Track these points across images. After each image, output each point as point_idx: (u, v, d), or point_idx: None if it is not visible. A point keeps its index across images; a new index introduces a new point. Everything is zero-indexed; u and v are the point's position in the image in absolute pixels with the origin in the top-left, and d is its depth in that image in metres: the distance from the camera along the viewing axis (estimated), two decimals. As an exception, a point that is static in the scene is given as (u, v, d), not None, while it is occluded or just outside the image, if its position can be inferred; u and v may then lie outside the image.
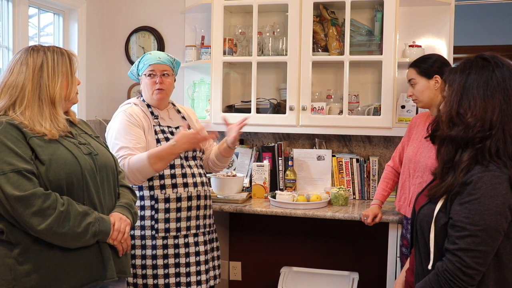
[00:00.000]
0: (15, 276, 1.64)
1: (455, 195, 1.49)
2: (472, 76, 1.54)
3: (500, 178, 1.45)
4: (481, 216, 1.43)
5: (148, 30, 3.58)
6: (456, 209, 1.47)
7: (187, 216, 2.42)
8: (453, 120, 1.53)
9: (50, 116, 1.76)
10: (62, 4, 3.22)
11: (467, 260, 1.43)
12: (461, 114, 1.52)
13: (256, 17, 3.08)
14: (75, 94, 1.89)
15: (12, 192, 1.60)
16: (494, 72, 1.53)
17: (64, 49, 1.88)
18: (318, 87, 3.27)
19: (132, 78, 2.62)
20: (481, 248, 1.43)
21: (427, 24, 3.14)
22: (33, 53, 1.79)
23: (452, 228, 1.48)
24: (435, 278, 1.50)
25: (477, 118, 1.49)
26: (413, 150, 2.51)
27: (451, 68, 1.63)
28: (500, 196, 1.43)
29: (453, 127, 1.53)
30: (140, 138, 2.37)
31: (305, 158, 3.24)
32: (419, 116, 2.67)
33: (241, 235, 3.54)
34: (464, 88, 1.54)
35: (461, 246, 1.44)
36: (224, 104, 3.25)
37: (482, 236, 1.43)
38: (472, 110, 1.50)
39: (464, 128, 1.50)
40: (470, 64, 1.57)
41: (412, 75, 2.52)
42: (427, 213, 1.57)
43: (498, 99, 1.50)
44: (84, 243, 1.72)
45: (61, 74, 1.81)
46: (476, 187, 1.45)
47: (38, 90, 1.76)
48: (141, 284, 2.38)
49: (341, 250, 3.36)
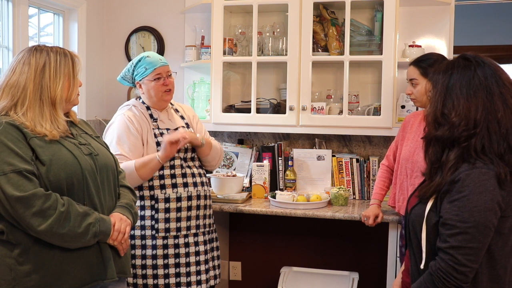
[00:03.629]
0: (15, 276, 1.64)
1: (444, 194, 1.51)
2: (454, 76, 1.56)
3: (487, 175, 1.46)
4: (470, 213, 1.44)
5: (148, 30, 3.58)
6: (446, 208, 1.49)
7: (187, 216, 2.42)
8: (438, 120, 1.55)
9: (50, 117, 1.76)
10: (62, 4, 3.22)
11: (459, 258, 1.45)
12: (446, 114, 1.54)
13: (256, 17, 3.08)
14: (76, 95, 1.88)
15: (12, 192, 1.60)
16: (476, 71, 1.54)
17: (68, 50, 1.87)
18: (318, 87, 3.27)
19: (124, 83, 2.58)
20: (472, 245, 1.44)
21: (427, 24, 3.14)
22: (35, 53, 1.79)
23: (443, 227, 1.49)
24: (429, 277, 1.51)
25: (461, 117, 1.51)
26: (410, 150, 2.50)
27: (434, 69, 1.65)
28: (488, 192, 1.45)
29: (438, 128, 1.55)
30: (135, 147, 2.39)
31: (305, 158, 3.24)
32: (413, 115, 2.66)
33: (241, 235, 3.54)
34: (447, 89, 1.56)
35: (452, 244, 1.46)
36: (224, 104, 3.25)
37: (472, 233, 1.44)
38: (456, 110, 1.52)
39: (449, 127, 1.52)
40: (452, 65, 1.59)
41: (414, 75, 2.49)
42: (419, 213, 1.59)
43: (481, 97, 1.52)
44: (85, 243, 1.72)
45: (63, 76, 1.80)
46: (464, 184, 1.46)
47: (39, 91, 1.76)
48: (141, 284, 2.38)
49: (341, 250, 3.36)
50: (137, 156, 2.37)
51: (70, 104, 1.88)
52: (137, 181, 2.34)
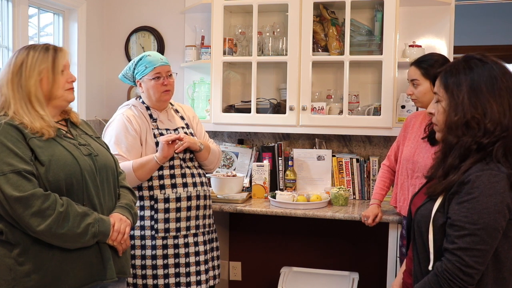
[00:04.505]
0: (15, 276, 1.65)
1: (453, 195, 1.49)
2: (476, 77, 1.51)
3: (498, 177, 1.44)
4: (479, 215, 1.43)
5: (148, 30, 3.58)
6: (455, 209, 1.47)
7: (186, 216, 2.42)
8: (469, 124, 1.49)
9: (36, 115, 1.73)
10: (62, 4, 3.22)
11: (467, 259, 1.43)
12: (478, 119, 1.48)
13: (256, 17, 3.08)
14: (65, 91, 1.82)
15: (11, 192, 1.60)
16: (496, 73, 1.51)
17: (53, 45, 1.83)
18: (318, 87, 3.27)
19: (125, 81, 2.59)
20: (480, 247, 1.43)
21: (427, 24, 3.14)
22: (18, 53, 1.79)
23: (450, 228, 1.47)
24: (435, 278, 1.49)
25: (495, 123, 1.47)
26: (411, 151, 2.50)
27: (446, 71, 1.58)
28: (498, 195, 1.43)
29: (467, 132, 1.50)
30: (133, 147, 2.39)
31: (305, 158, 3.24)
32: (414, 115, 2.65)
33: (241, 235, 3.54)
34: (473, 91, 1.50)
35: (460, 245, 1.44)
36: (224, 104, 3.25)
37: (481, 235, 1.43)
38: (490, 116, 1.47)
39: (484, 133, 1.47)
40: (469, 65, 1.54)
41: (415, 75, 2.47)
42: (425, 213, 1.57)
43: (507, 100, 1.49)
44: (84, 243, 1.72)
45: (38, 71, 1.76)
46: (474, 186, 1.44)
47: (18, 90, 1.75)
48: (141, 284, 2.38)
49: (341, 250, 3.35)
50: (134, 156, 2.37)
51: (60, 101, 1.83)
52: (134, 181, 2.33)
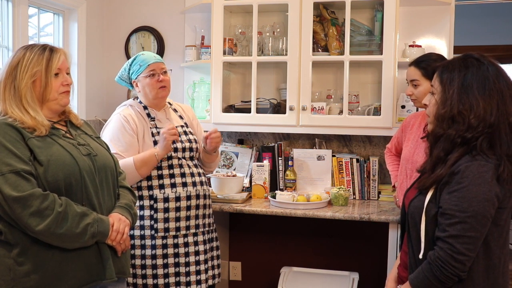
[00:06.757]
0: (14, 276, 1.64)
1: (444, 185, 1.56)
2: (469, 75, 1.59)
3: (486, 167, 1.51)
4: (469, 203, 1.49)
5: (148, 30, 3.58)
6: (445, 198, 1.54)
7: (186, 216, 2.42)
8: (454, 118, 1.57)
9: (27, 115, 1.73)
10: (62, 4, 3.22)
11: (458, 246, 1.49)
12: (463, 113, 1.56)
13: (256, 17, 3.08)
14: (59, 94, 1.80)
15: (10, 192, 1.60)
16: (489, 73, 1.58)
17: (51, 46, 1.82)
18: (318, 87, 3.27)
19: (121, 84, 2.59)
20: (470, 234, 1.49)
21: (427, 24, 3.14)
22: (16, 53, 1.79)
23: (442, 216, 1.54)
24: (428, 266, 1.55)
25: (479, 119, 1.54)
26: (410, 151, 2.50)
27: (443, 66, 1.66)
28: (486, 184, 1.50)
29: (452, 125, 1.58)
30: (131, 146, 2.39)
31: (305, 158, 3.23)
32: (413, 115, 2.65)
33: (241, 235, 3.54)
34: (464, 87, 1.58)
35: (451, 233, 1.51)
36: (224, 104, 3.25)
37: (471, 222, 1.49)
38: (475, 111, 1.55)
39: (467, 128, 1.55)
40: (465, 64, 1.61)
41: (415, 76, 2.46)
42: (418, 205, 1.63)
43: (495, 100, 1.56)
44: (83, 244, 1.72)
45: (30, 74, 1.75)
46: (463, 175, 1.51)
47: (11, 91, 1.75)
48: (140, 284, 2.38)
49: (341, 250, 3.35)
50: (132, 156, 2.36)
51: (52, 104, 1.81)
52: (136, 178, 2.33)
